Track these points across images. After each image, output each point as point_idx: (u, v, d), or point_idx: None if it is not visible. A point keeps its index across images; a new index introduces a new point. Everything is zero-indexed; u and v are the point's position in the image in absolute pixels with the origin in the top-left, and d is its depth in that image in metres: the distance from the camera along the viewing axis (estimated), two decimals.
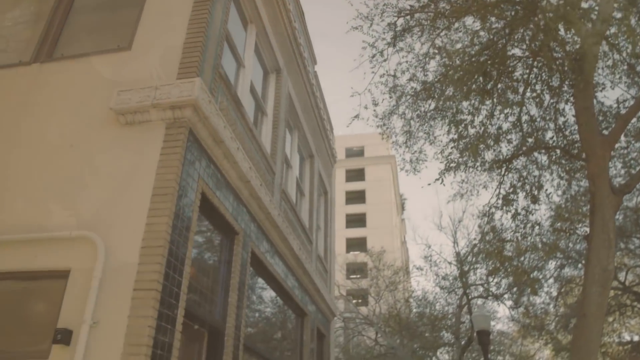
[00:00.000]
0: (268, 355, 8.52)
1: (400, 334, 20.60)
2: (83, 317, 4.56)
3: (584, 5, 8.26)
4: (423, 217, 64.19)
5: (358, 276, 27.98)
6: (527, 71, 9.03)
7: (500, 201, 10.21)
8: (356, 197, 58.78)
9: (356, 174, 59.79)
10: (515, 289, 18.70)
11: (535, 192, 10.15)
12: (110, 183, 5.36)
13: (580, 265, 18.23)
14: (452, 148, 9.52)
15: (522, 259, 15.21)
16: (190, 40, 6.19)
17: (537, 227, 10.70)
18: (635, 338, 22.07)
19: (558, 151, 9.52)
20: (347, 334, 23.69)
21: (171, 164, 5.26)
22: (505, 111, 9.10)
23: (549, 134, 9.97)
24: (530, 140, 9.84)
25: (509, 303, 20.00)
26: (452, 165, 9.49)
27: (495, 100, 9.05)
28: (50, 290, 4.92)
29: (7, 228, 5.30)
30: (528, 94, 9.10)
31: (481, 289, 18.63)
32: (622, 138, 10.16)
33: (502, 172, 10.00)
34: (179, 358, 4.98)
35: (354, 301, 26.95)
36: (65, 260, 4.99)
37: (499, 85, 8.98)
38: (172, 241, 4.97)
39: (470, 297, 18.02)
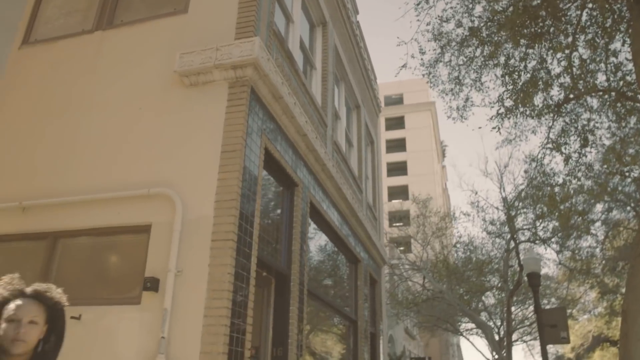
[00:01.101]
0: (328, 300, 8.98)
1: (448, 278, 20.99)
2: (168, 267, 4.98)
3: None
4: (466, 163, 63.81)
5: (401, 224, 28.27)
6: (579, 13, 8.82)
7: (550, 145, 10.20)
8: (396, 145, 58.50)
9: (396, 122, 59.31)
10: (560, 234, 18.68)
11: (586, 135, 10.08)
12: (180, 142, 5.68)
13: (628, 207, 18.01)
14: (504, 94, 9.49)
15: (571, 202, 15.19)
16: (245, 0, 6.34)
17: (588, 169, 10.66)
18: None
19: (612, 94, 9.36)
20: (393, 280, 24.23)
21: (237, 121, 5.53)
22: (557, 56, 8.97)
23: (601, 76, 9.80)
24: (580, 83, 9.69)
25: (556, 247, 20.02)
26: (505, 110, 9.48)
27: (546, 44, 8.91)
28: (136, 243, 5.36)
29: (89, 188, 5.74)
30: (580, 37, 8.91)
31: (528, 233, 18.70)
32: None
33: (552, 117, 9.94)
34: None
35: (400, 248, 27.42)
36: (146, 215, 5.40)
37: (551, 29, 8.82)
38: (242, 195, 5.29)
39: (517, 241, 18.13)
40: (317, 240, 8.73)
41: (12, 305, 2.19)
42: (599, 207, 18.24)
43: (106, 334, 4.98)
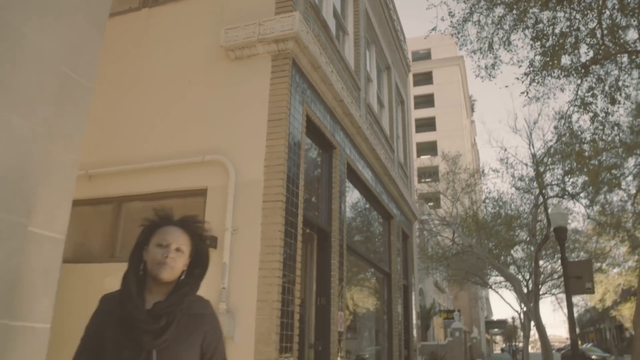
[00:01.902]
0: (364, 254, 9.57)
1: (477, 233, 21.41)
2: (225, 226, 5.57)
3: None
4: (495, 119, 63.11)
5: (430, 180, 28.55)
6: None
7: (578, 103, 10.39)
8: (425, 101, 58.13)
9: (424, 78, 58.72)
10: (590, 188, 18.78)
11: (614, 94, 10.22)
12: (229, 112, 6.18)
13: None
14: (535, 57, 9.68)
15: (599, 158, 15.31)
16: None
17: (616, 127, 10.84)
18: None
19: None
20: (423, 235, 24.74)
21: (281, 92, 6.00)
22: (586, 17, 9.07)
23: (631, 33, 9.82)
24: (609, 41, 9.76)
25: (585, 202, 20.14)
26: (532, 72, 9.70)
27: (575, 6, 9.01)
28: (193, 205, 5.95)
29: (148, 156, 6.32)
30: None
31: (557, 188, 18.87)
32: None
33: (581, 75, 10.09)
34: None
35: (430, 204, 27.83)
36: (202, 180, 5.97)
37: None
38: (288, 159, 5.81)
39: (546, 196, 18.35)
40: (353, 199, 9.25)
41: (161, 230, 2.16)
42: (632, 161, 18.24)
43: None
